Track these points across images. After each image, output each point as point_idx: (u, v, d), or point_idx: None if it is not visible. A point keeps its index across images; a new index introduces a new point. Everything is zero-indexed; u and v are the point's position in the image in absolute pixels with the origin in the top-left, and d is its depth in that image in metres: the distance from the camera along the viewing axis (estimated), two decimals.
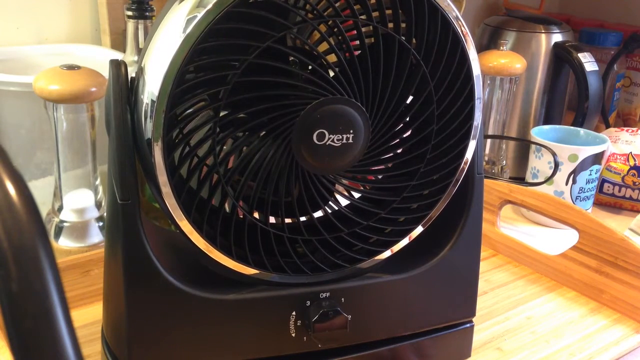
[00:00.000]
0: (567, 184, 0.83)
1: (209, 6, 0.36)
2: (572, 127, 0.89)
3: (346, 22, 0.41)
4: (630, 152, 0.88)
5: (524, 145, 0.97)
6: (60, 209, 0.66)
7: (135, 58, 0.74)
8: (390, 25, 0.42)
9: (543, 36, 0.97)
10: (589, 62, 0.94)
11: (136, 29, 0.73)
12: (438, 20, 0.42)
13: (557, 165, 0.80)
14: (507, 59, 0.87)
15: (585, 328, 0.61)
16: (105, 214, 0.61)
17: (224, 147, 0.42)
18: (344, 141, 0.42)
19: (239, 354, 0.47)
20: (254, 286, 0.46)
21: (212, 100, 0.40)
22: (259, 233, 0.44)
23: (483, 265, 0.71)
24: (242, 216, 0.43)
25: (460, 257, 0.51)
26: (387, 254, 0.48)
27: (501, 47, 0.90)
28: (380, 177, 0.48)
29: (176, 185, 0.40)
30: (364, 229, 0.46)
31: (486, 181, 0.74)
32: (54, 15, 0.85)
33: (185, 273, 0.45)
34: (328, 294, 0.47)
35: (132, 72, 0.41)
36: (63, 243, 0.66)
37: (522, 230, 0.83)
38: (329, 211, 0.46)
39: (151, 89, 0.38)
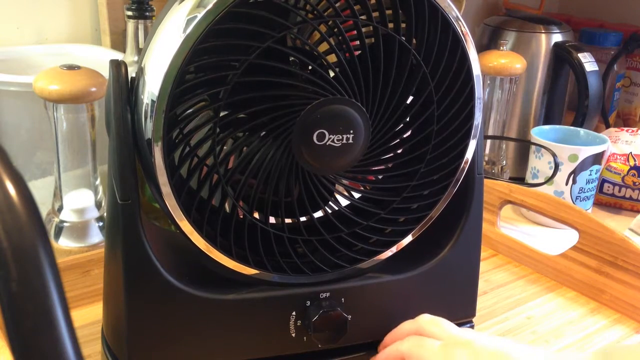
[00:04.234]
0: (567, 184, 0.83)
1: (209, 6, 0.36)
2: (572, 127, 0.89)
3: (346, 22, 0.41)
4: (630, 152, 0.88)
5: (524, 146, 0.97)
6: (60, 209, 0.66)
7: (135, 58, 0.74)
8: (391, 25, 0.42)
9: (543, 36, 0.97)
10: (589, 62, 0.94)
11: (136, 29, 0.73)
12: (438, 20, 0.42)
13: (557, 166, 0.80)
14: (507, 59, 0.87)
15: (585, 328, 0.61)
16: (105, 214, 0.61)
17: (224, 147, 0.42)
18: (344, 141, 0.42)
19: (239, 354, 0.47)
20: (254, 286, 0.46)
21: (212, 100, 0.40)
22: (259, 233, 0.44)
23: (483, 265, 0.71)
24: (242, 216, 0.43)
25: (460, 257, 0.51)
26: (387, 254, 0.48)
27: (501, 47, 0.90)
28: (380, 177, 0.48)
29: (176, 185, 0.40)
30: (364, 229, 0.46)
31: (486, 181, 0.74)
32: (54, 15, 0.85)
33: (185, 273, 0.45)
34: (328, 294, 0.47)
35: (132, 72, 0.41)
36: (63, 243, 0.66)
37: (522, 230, 0.83)
38: (329, 211, 0.46)
39: (151, 89, 0.38)
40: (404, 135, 0.46)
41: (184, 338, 0.45)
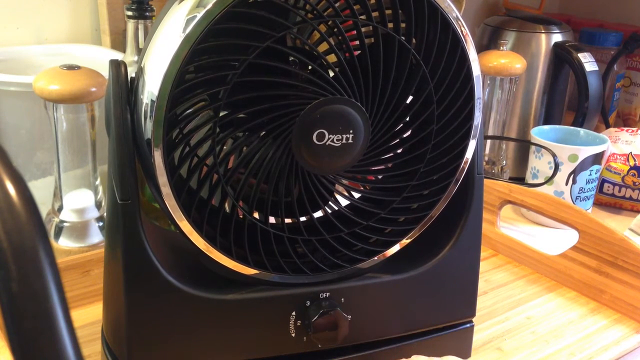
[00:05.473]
0: (567, 184, 0.83)
1: (209, 6, 0.36)
2: (572, 127, 0.89)
3: (346, 22, 0.41)
4: (630, 152, 0.88)
5: (524, 146, 0.97)
6: (60, 209, 0.66)
7: (135, 58, 0.74)
8: (390, 25, 0.42)
9: (543, 36, 0.97)
10: (589, 62, 0.94)
11: (136, 29, 0.73)
12: (438, 20, 0.42)
13: (557, 166, 0.80)
14: (507, 59, 0.87)
15: (585, 328, 0.61)
16: (105, 214, 0.61)
17: (224, 147, 0.42)
18: (344, 141, 0.42)
19: (239, 354, 0.47)
20: (254, 286, 0.46)
21: (212, 100, 0.40)
22: (259, 233, 0.44)
23: (483, 265, 0.71)
24: (242, 216, 0.43)
25: (460, 257, 0.51)
26: (387, 253, 0.48)
27: (501, 47, 0.90)
28: (380, 177, 0.48)
29: (176, 185, 0.40)
30: (364, 229, 0.46)
31: (486, 181, 0.74)
32: (54, 15, 0.85)
33: (185, 273, 0.45)
34: (328, 294, 0.47)
35: (132, 72, 0.41)
36: (63, 243, 0.66)
37: (522, 230, 0.83)
38: (329, 211, 0.46)
39: (151, 89, 0.38)
40: (404, 135, 0.46)
41: (184, 338, 0.45)
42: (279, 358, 0.48)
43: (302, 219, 0.45)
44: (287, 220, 0.45)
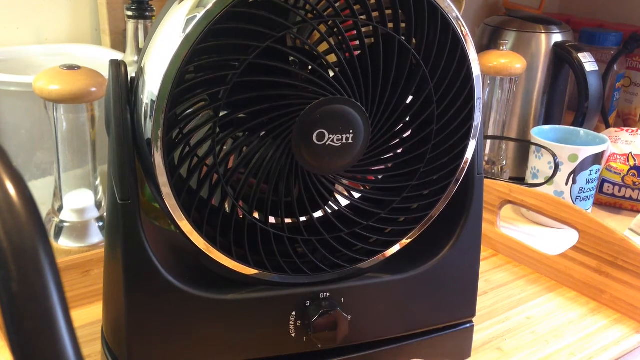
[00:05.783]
0: (567, 184, 0.83)
1: (209, 6, 0.36)
2: (572, 127, 0.89)
3: (346, 22, 0.41)
4: (630, 152, 0.88)
5: (524, 146, 0.97)
6: (60, 209, 0.66)
7: (135, 58, 0.74)
8: (390, 25, 0.42)
9: (543, 36, 0.97)
10: (589, 62, 0.94)
11: (136, 29, 0.73)
12: (438, 20, 0.42)
13: (557, 166, 0.80)
14: (507, 59, 0.87)
15: (585, 328, 0.61)
16: (105, 214, 0.61)
17: (224, 147, 0.42)
18: (344, 141, 0.42)
19: (239, 354, 0.47)
20: (254, 286, 0.46)
21: (212, 100, 0.40)
22: (259, 233, 0.44)
23: (483, 265, 0.71)
24: (242, 216, 0.43)
25: (460, 257, 0.51)
26: (387, 253, 0.48)
27: (501, 47, 0.90)
28: (380, 177, 0.48)
29: (176, 185, 0.40)
30: (364, 229, 0.46)
31: (486, 181, 0.74)
32: (54, 15, 0.85)
33: (185, 273, 0.45)
34: (328, 294, 0.47)
35: (132, 72, 0.41)
36: (63, 243, 0.66)
37: (522, 230, 0.83)
38: (329, 211, 0.46)
39: (151, 89, 0.38)
40: (404, 135, 0.46)
41: (184, 338, 0.45)
42: (279, 358, 0.48)
43: (302, 219, 0.45)
44: (287, 220, 0.45)
